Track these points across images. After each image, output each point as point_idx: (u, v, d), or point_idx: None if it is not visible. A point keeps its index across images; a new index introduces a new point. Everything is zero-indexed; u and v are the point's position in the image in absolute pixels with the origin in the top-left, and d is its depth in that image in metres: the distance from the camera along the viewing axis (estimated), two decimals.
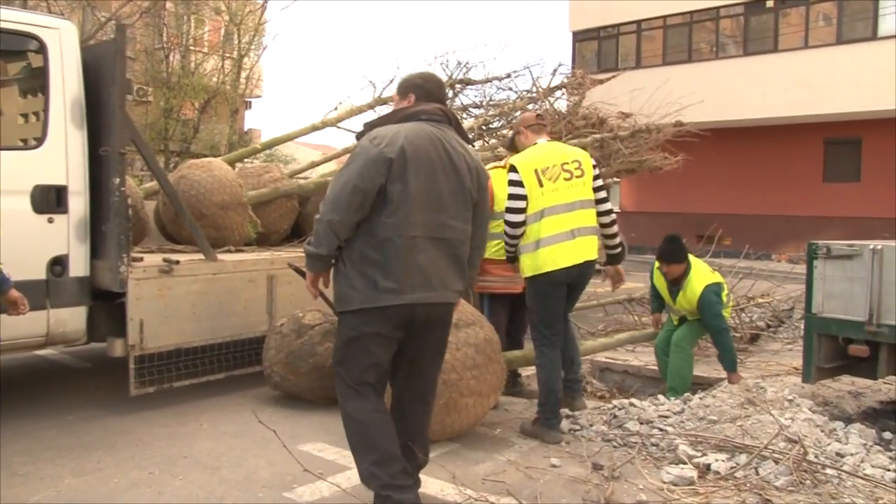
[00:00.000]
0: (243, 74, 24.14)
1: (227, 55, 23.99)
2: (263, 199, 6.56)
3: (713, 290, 5.44)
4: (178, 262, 4.98)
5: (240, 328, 5.40)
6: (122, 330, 4.77)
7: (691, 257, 5.63)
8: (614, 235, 4.70)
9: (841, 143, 18.90)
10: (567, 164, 4.45)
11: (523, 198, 4.37)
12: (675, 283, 5.58)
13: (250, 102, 29.63)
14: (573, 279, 4.42)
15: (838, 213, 18.48)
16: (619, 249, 4.79)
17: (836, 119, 18.21)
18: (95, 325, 4.89)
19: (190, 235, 5.80)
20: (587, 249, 4.39)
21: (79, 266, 4.72)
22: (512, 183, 4.42)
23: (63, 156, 4.63)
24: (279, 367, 5.06)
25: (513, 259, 4.58)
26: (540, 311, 4.45)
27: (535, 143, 4.61)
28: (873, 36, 17.91)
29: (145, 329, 4.82)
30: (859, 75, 17.22)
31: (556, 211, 4.35)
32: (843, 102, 17.48)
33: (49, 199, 4.56)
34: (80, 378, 5.97)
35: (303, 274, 5.40)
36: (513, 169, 4.45)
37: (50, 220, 4.57)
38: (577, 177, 4.44)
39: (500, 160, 6.11)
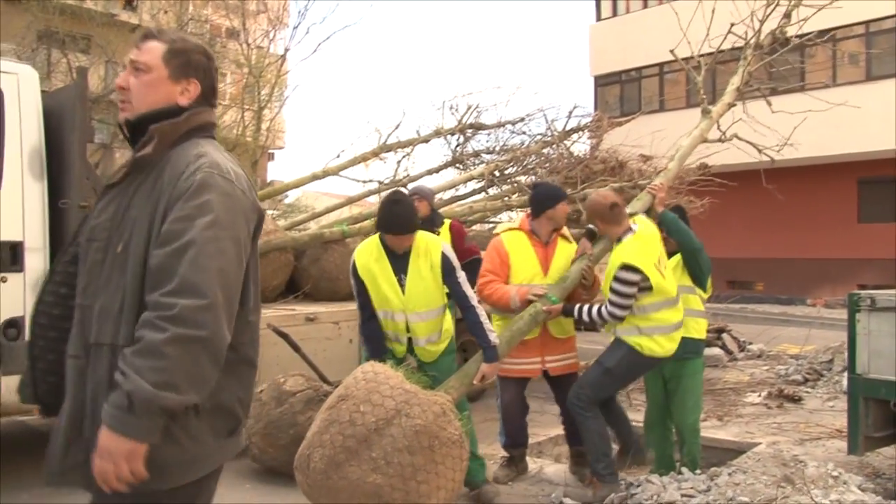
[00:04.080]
0: (264, 125, 24.10)
1: (247, 107, 24.00)
2: None
3: None
4: None
5: None
6: None
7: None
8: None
9: (875, 182, 18.18)
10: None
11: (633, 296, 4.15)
12: None
13: (273, 154, 29.69)
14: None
15: (875, 255, 17.67)
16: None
17: (868, 158, 17.56)
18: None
19: None
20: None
21: None
22: (630, 282, 4.09)
23: (19, 209, 4.27)
24: (258, 438, 4.58)
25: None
26: (620, 378, 4.41)
27: (631, 230, 4.25)
28: None
29: None
30: (890, 113, 16.60)
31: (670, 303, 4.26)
32: (875, 141, 16.83)
33: (2, 257, 4.18)
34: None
35: (284, 336, 4.99)
36: (632, 269, 4.08)
37: (2, 280, 4.18)
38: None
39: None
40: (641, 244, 4.19)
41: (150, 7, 21.50)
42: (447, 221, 5.67)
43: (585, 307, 4.28)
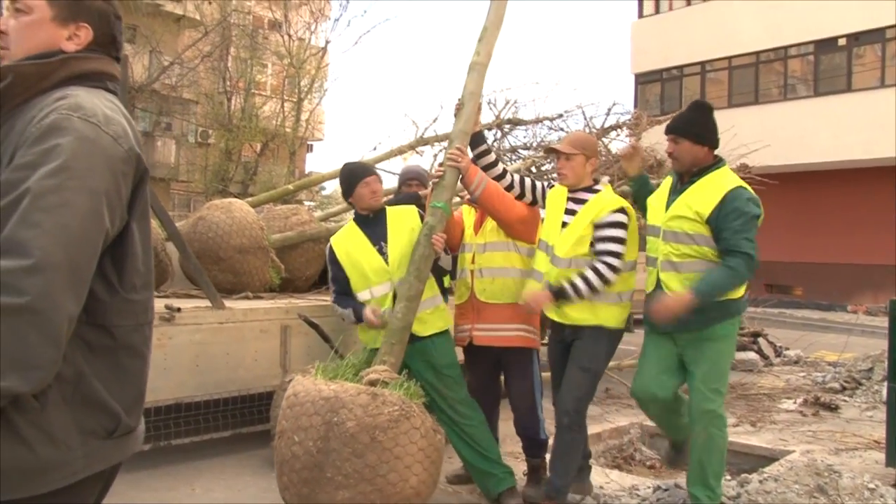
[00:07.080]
0: (303, 117, 24.26)
1: (287, 98, 24.19)
2: (289, 242, 6.18)
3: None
4: (179, 310, 4.59)
5: (248, 382, 4.97)
6: None
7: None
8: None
9: None
10: None
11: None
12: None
13: (312, 146, 29.88)
14: None
15: None
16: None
17: None
18: None
19: (216, 279, 5.46)
20: None
21: None
22: (627, 226, 3.79)
23: None
24: None
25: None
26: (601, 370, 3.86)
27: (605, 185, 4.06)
28: None
29: None
30: None
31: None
32: None
33: None
34: None
35: (315, 326, 5.01)
36: (625, 212, 3.82)
37: None
38: None
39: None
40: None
41: None
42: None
43: (577, 279, 3.64)
